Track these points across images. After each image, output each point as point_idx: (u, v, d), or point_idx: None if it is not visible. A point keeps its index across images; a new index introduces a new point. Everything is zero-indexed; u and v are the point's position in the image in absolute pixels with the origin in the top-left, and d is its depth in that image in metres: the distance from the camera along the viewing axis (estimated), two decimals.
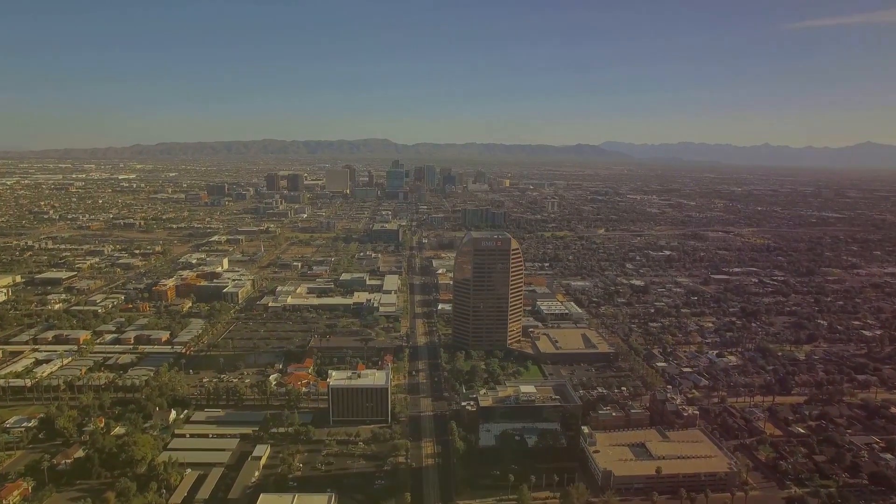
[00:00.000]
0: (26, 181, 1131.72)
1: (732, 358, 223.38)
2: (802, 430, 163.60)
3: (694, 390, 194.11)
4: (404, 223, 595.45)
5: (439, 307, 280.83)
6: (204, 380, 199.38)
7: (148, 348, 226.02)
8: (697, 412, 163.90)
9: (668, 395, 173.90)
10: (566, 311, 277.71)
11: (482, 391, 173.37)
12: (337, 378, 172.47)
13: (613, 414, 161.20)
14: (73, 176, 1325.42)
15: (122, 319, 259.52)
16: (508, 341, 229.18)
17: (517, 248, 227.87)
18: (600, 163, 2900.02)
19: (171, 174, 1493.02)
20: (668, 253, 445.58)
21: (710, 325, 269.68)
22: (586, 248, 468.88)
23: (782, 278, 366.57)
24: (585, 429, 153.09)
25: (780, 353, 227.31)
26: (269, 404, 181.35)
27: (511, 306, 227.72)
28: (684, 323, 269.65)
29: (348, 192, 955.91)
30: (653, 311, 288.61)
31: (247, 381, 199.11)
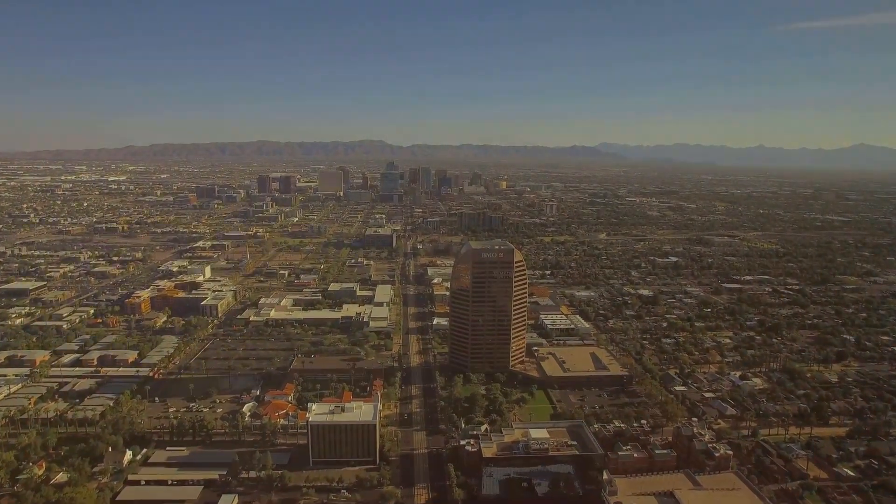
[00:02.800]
0: (12, 183, 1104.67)
1: (757, 380, 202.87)
2: (851, 472, 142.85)
3: (720, 420, 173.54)
4: (398, 227, 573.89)
5: (435, 322, 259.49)
6: (170, 409, 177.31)
7: (112, 371, 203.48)
8: (731, 452, 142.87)
9: (695, 429, 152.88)
10: (572, 326, 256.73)
11: (484, 428, 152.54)
12: (317, 413, 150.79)
13: (635, 455, 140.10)
14: (63, 178, 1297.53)
15: (88, 337, 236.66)
16: (511, 362, 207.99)
17: (521, 261, 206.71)
18: (596, 164, 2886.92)
19: (162, 176, 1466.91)
20: (674, 259, 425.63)
21: (728, 340, 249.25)
22: (588, 254, 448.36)
23: (797, 287, 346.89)
24: (605, 474, 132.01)
25: (809, 375, 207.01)
26: (242, 440, 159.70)
27: (514, 324, 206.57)
28: (700, 339, 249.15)
29: (341, 194, 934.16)
30: (665, 325, 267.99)
31: (219, 410, 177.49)
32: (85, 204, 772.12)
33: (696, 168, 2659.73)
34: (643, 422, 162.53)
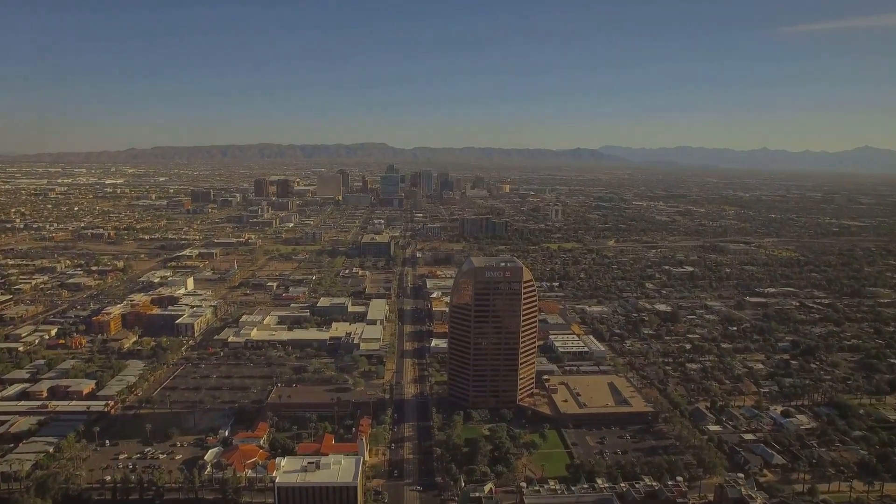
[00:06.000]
0: (6, 186, 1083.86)
1: (803, 418, 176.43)
2: None
3: (766, 471, 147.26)
4: (397, 234, 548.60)
5: (433, 344, 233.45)
6: (121, 455, 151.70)
7: (62, 405, 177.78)
8: None
9: (743, 488, 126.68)
10: (585, 349, 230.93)
11: (488, 488, 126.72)
12: (287, 470, 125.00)
13: None
14: (59, 181, 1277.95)
15: (43, 362, 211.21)
16: (519, 395, 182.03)
17: (530, 280, 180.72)
18: (599, 167, 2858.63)
19: (160, 178, 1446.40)
20: (689, 269, 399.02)
21: (760, 365, 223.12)
22: (598, 262, 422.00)
23: (827, 301, 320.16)
24: None
25: (861, 411, 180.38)
26: (199, 498, 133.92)
27: (523, 351, 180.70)
28: (729, 363, 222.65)
29: (340, 198, 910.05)
30: (689, 346, 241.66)
31: (178, 457, 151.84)
32: (76, 208, 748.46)
33: (700, 171, 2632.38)
34: (678, 478, 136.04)
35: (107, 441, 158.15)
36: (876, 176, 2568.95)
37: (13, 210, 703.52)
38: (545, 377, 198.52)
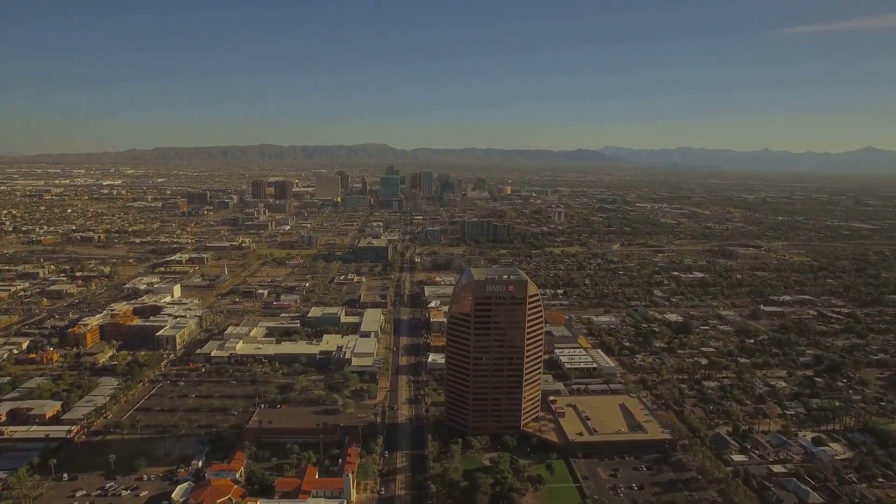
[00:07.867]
0: (3, 187, 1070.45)
1: (837, 447, 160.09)
2: None
3: None
4: (395, 237, 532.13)
5: (430, 359, 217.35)
6: (79, 492, 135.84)
7: (20, 431, 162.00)
8: None
9: None
10: (594, 365, 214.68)
11: None
12: None
13: None
14: (57, 182, 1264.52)
15: (7, 380, 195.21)
16: (523, 420, 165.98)
17: (535, 295, 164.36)
18: (601, 168, 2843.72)
19: (159, 180, 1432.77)
20: (699, 275, 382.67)
21: (783, 383, 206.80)
22: (603, 268, 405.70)
23: (846, 310, 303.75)
24: None
25: None
26: None
27: (527, 370, 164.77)
28: (749, 381, 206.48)
29: (339, 200, 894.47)
30: (704, 361, 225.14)
31: (143, 493, 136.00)
32: (69, 210, 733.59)
33: (701, 172, 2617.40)
34: None
35: (65, 474, 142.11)
36: (879, 177, 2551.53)
37: (4, 212, 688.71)
38: (551, 398, 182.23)
